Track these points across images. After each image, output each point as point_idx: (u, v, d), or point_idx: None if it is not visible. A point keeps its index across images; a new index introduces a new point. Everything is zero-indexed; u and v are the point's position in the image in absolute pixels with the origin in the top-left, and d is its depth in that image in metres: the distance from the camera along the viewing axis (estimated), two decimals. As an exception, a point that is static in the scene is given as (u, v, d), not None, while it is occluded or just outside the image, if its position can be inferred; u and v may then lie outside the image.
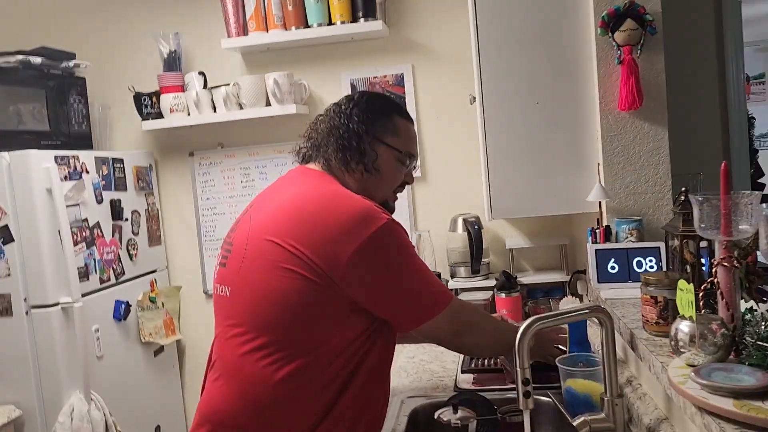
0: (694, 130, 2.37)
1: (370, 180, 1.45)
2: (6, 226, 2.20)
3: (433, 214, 2.74)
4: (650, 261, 1.69)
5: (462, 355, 2.13)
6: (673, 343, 1.14)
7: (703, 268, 1.39)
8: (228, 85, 2.67)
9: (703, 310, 1.12)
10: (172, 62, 2.77)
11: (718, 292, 1.10)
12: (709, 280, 1.14)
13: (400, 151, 1.47)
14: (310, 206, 1.31)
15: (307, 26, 2.62)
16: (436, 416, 1.54)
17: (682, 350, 1.12)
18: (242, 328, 1.32)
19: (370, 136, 1.44)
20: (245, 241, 1.35)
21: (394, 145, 1.46)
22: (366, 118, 1.45)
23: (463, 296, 2.46)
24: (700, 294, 1.12)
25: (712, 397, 0.94)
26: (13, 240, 2.21)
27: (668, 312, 1.29)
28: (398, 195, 1.55)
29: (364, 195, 1.39)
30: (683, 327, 1.12)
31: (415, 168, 1.60)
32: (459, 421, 1.50)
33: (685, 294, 1.12)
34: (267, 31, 2.64)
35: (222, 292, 1.39)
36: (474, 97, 2.11)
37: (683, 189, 1.42)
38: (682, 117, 2.15)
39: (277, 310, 1.29)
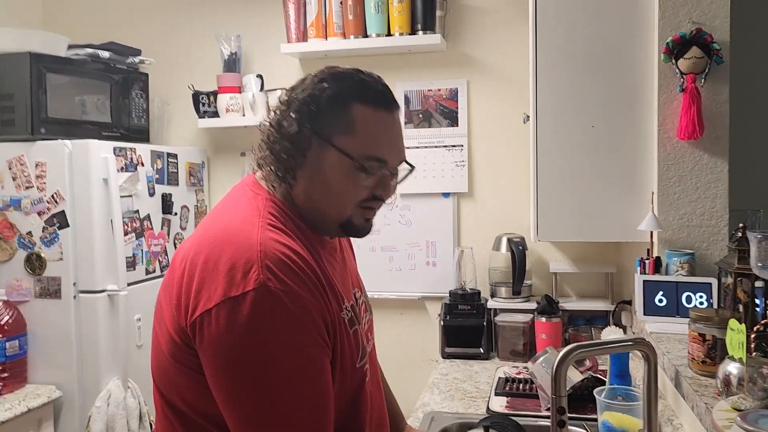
0: (756, 164, 2.28)
1: (316, 191, 1.08)
2: (63, 212, 2.28)
3: (477, 231, 2.71)
4: (700, 297, 1.63)
5: (497, 377, 2.10)
6: (719, 384, 1.09)
7: (757, 309, 1.33)
8: (284, 89, 2.70)
9: (754, 353, 1.07)
10: (232, 63, 2.84)
11: (772, 335, 1.05)
12: (762, 321, 1.09)
13: (353, 157, 1.05)
14: (204, 252, 1.00)
15: (365, 36, 2.64)
16: (465, 436, 1.52)
17: (728, 393, 1.07)
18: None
19: (309, 134, 1.06)
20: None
21: (344, 148, 1.05)
22: (307, 112, 1.06)
23: (502, 317, 2.42)
24: (752, 336, 1.08)
25: (759, 445, 0.90)
26: (68, 225, 2.28)
27: (716, 351, 1.24)
28: (370, 211, 1.12)
29: (313, 211, 1.09)
30: (732, 369, 1.07)
31: (395, 176, 1.12)
32: (488, 444, 1.47)
33: (736, 334, 1.08)
34: (326, 38, 2.68)
35: None
36: (528, 116, 2.08)
37: (741, 225, 1.37)
38: (745, 150, 2.07)
39: (155, 359, 1.08)
